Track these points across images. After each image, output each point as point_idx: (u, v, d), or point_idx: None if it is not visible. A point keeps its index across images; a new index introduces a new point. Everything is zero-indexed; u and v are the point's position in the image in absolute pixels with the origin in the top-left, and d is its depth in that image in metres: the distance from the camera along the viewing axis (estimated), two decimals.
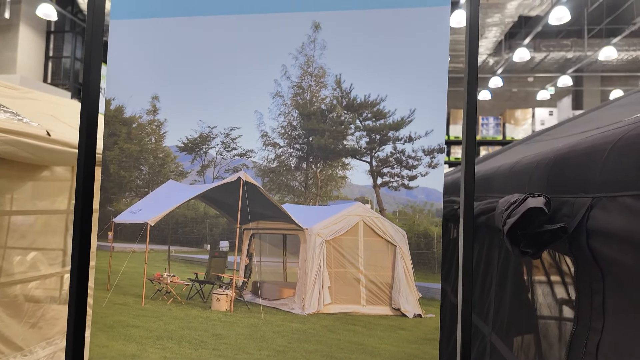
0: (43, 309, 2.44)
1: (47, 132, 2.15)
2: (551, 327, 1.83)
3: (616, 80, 13.73)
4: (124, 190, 1.63)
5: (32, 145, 2.07)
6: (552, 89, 13.49)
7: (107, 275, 1.63)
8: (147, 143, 1.63)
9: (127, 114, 1.62)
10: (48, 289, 2.53)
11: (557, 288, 1.71)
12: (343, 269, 1.49)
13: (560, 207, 1.26)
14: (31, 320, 2.35)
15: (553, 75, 13.14)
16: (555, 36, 12.18)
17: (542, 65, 13.15)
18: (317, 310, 1.50)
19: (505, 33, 10.59)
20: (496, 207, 1.55)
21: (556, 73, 13.03)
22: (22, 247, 2.35)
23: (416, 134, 1.42)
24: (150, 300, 1.62)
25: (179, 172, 1.63)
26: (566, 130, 2.29)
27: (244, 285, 1.65)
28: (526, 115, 11.03)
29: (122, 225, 1.64)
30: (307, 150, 1.49)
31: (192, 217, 1.72)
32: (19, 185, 2.30)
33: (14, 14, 10.53)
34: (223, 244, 1.59)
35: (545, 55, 11.99)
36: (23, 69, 10.89)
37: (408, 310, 1.42)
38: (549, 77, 13.43)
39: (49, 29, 12.18)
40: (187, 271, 1.75)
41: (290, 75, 1.50)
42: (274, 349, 1.43)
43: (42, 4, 9.24)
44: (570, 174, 1.30)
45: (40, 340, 2.38)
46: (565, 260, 1.70)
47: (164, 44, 1.60)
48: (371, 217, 1.50)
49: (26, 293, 2.36)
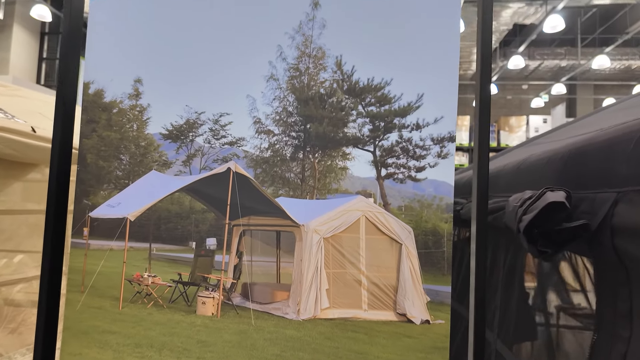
0: (24, 313, 2.31)
1: (32, 128, 2.04)
2: (564, 335, 1.75)
3: (609, 89, 13.99)
4: (102, 181, 1.52)
5: (17, 141, 1.98)
6: (546, 97, 13.73)
7: (81, 275, 1.52)
8: (128, 130, 1.52)
9: (107, 99, 1.51)
10: (31, 292, 2.40)
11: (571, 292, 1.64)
12: (342, 269, 1.40)
13: (579, 204, 1.18)
14: (11, 325, 2.23)
15: (547, 83, 13.35)
16: (550, 44, 12.38)
17: (536, 73, 13.34)
18: (313, 315, 1.41)
19: (500, 41, 10.74)
20: (505, 206, 1.47)
21: (550, 81, 13.23)
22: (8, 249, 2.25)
23: (424, 120, 1.32)
24: (129, 303, 1.53)
25: (162, 162, 1.53)
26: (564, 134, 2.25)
27: (233, 288, 1.57)
28: (520, 122, 11.13)
29: (99, 220, 1.54)
30: (304, 139, 1.40)
31: (177, 212, 1.63)
32: (5, 184, 2.19)
33: (8, 14, 10.55)
34: (210, 241, 1.51)
35: (539, 63, 12.21)
36: (16, 70, 10.87)
37: (415, 316, 1.33)
38: (543, 85, 13.64)
39: (43, 30, 12.11)
40: (170, 271, 1.68)
41: (286, 57, 1.40)
42: (265, 358, 1.31)
43: (37, 5, 9.20)
44: (589, 167, 1.23)
45: (21, 347, 2.25)
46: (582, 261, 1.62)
47: (148, 23, 1.49)
48: (374, 212, 1.42)
49: (7, 297, 2.24)
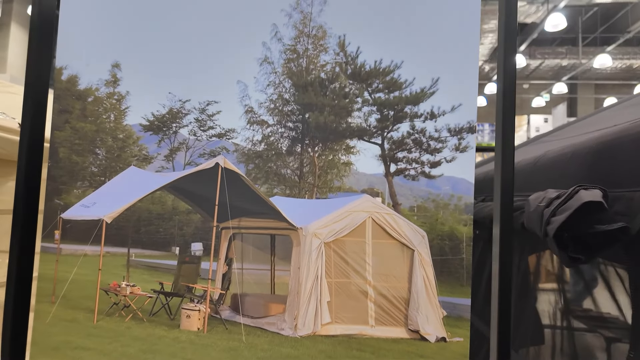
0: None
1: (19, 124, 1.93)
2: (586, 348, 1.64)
3: (610, 88, 14.08)
4: (75, 178, 1.42)
5: (4, 139, 1.88)
6: (547, 96, 13.83)
7: (52, 284, 1.39)
8: (104, 121, 1.40)
9: (82, 86, 1.40)
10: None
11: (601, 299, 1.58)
12: (346, 279, 1.30)
13: (612, 204, 1.10)
14: None
15: (548, 83, 13.43)
16: (551, 44, 12.45)
17: (537, 73, 13.40)
18: (312, 331, 1.33)
19: None
20: (523, 205, 1.36)
21: (551, 80, 13.32)
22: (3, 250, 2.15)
23: (440, 109, 1.19)
24: (105, 316, 1.43)
25: (142, 157, 1.43)
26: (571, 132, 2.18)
27: (221, 299, 1.47)
28: (521, 122, 11.14)
29: (72, 222, 1.46)
30: (303, 130, 1.29)
31: (158, 213, 1.52)
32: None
33: (5, 13, 10.96)
34: (195, 246, 1.41)
35: (540, 62, 12.31)
36: (13, 69, 11.10)
37: (429, 333, 1.22)
38: (544, 84, 13.71)
39: None
40: (151, 280, 1.60)
41: (282, 37, 1.28)
42: None
43: None
44: (624, 162, 1.15)
45: None
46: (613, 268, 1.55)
47: (127, 1, 1.35)
48: (382, 213, 1.33)
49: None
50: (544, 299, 1.70)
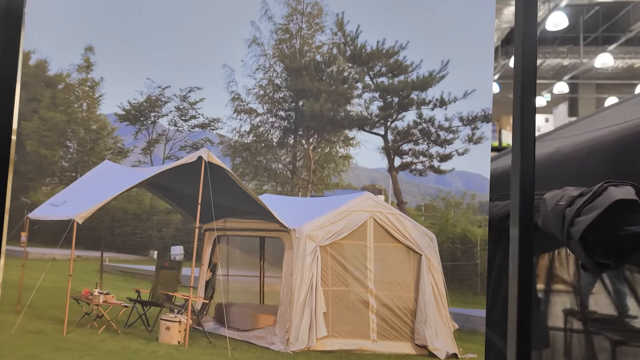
0: None
1: None
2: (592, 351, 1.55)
3: (611, 88, 14.10)
4: (44, 174, 1.29)
5: None
6: (548, 96, 13.87)
7: (17, 291, 1.33)
8: (76, 110, 1.28)
9: (52, 72, 1.27)
10: None
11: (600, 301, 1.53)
12: (345, 287, 1.18)
13: None
14: None
15: (549, 82, 13.43)
16: (552, 43, 12.43)
17: (538, 72, 13.38)
18: (306, 346, 1.21)
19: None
20: (539, 204, 1.25)
21: (552, 80, 13.33)
22: None
23: (451, 95, 1.10)
24: (76, 327, 1.45)
25: (117, 150, 1.30)
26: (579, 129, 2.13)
27: (204, 309, 1.35)
28: None
29: (40, 222, 1.32)
30: (296, 120, 1.16)
31: (135, 213, 1.40)
32: None
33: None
34: (176, 250, 1.28)
35: (541, 61, 12.32)
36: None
37: (438, 348, 1.11)
38: (545, 84, 13.72)
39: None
40: (126, 287, 1.49)
41: (273, 15, 1.16)
42: None
43: None
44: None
45: None
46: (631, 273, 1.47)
47: None
48: (385, 213, 1.21)
49: None
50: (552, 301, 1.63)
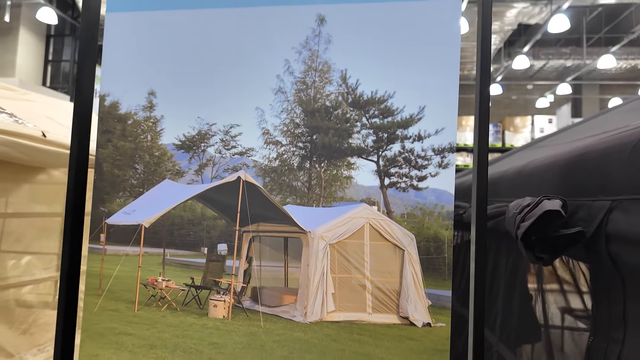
0: (35, 314, 2.37)
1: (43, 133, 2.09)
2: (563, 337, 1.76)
3: (614, 89, 13.84)
4: (117, 189, 1.56)
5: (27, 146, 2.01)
6: (552, 97, 13.61)
7: (98, 279, 1.55)
8: (142, 140, 1.56)
9: (122, 110, 1.55)
10: (41, 294, 2.46)
11: (570, 296, 1.67)
12: (348, 274, 1.43)
13: (577, 211, 1.22)
14: (22, 326, 2.28)
15: (552, 83, 13.24)
16: (555, 44, 12.27)
17: (541, 73, 13.25)
18: (320, 318, 1.43)
19: (505, 41, 10.65)
20: (505, 211, 1.50)
21: (555, 81, 13.12)
22: (17, 251, 2.30)
23: (426, 132, 1.35)
24: (144, 306, 1.55)
25: (175, 171, 1.56)
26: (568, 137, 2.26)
27: (243, 291, 1.59)
28: (525, 122, 11.02)
29: (115, 226, 1.57)
30: (311, 149, 1.43)
31: (189, 219, 1.65)
32: (14, 187, 2.24)
33: (14, 17, 10.58)
34: (221, 247, 1.53)
35: (544, 63, 12.10)
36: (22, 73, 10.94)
37: (417, 319, 1.36)
38: (548, 85, 13.52)
39: (48, 32, 12.20)
40: (183, 276, 1.68)
41: (294, 71, 1.44)
42: (274, 359, 1.35)
43: (43, 7, 9.27)
44: (586, 175, 1.25)
45: (32, 347, 2.31)
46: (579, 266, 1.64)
47: (161, 37, 1.54)
48: (378, 219, 1.44)
49: (18, 298, 2.30)
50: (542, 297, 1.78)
